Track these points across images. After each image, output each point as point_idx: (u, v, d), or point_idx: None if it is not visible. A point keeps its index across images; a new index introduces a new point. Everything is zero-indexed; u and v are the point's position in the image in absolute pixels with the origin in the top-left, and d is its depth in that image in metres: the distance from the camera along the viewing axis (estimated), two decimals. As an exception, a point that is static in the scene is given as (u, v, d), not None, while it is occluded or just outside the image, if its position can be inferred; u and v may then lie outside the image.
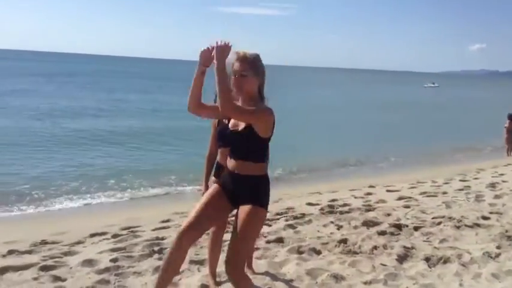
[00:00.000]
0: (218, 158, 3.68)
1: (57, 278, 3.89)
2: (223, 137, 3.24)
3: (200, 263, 4.26)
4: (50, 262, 4.28)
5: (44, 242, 5.18)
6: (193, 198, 8.36)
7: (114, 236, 5.41)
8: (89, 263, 4.27)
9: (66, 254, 4.66)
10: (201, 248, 4.67)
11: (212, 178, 3.70)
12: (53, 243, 5.17)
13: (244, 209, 2.82)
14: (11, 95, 28.97)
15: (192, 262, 4.24)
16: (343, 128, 21.51)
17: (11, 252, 4.71)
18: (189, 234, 2.84)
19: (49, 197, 8.93)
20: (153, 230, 5.69)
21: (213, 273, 3.81)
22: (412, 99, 48.04)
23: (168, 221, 6.26)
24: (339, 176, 11.80)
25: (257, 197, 2.85)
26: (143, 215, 6.95)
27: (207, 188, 3.65)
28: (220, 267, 3.88)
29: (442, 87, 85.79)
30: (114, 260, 4.31)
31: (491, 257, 4.59)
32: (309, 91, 51.52)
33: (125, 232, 5.59)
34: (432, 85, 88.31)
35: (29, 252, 4.79)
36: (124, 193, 9.58)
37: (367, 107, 34.27)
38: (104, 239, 5.30)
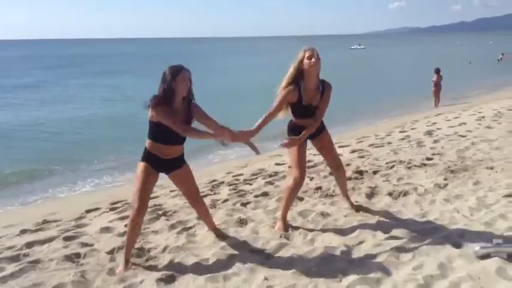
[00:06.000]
0: None
1: (85, 244, 4.38)
2: None
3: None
4: (69, 234, 4.72)
5: (46, 221, 5.49)
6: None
7: (111, 209, 5.85)
8: (106, 229, 4.78)
9: (78, 226, 5.10)
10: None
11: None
12: (55, 221, 5.51)
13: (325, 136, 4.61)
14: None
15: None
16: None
17: (23, 231, 5.05)
18: None
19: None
20: (144, 201, 6.15)
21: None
22: (340, 61, 49.34)
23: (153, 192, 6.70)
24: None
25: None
26: (121, 193, 7.29)
27: None
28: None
29: (368, 48, 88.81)
30: (128, 225, 4.82)
31: (440, 187, 5.58)
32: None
33: (119, 205, 6.02)
34: (358, 47, 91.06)
35: (41, 229, 5.14)
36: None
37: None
38: (103, 212, 5.73)
